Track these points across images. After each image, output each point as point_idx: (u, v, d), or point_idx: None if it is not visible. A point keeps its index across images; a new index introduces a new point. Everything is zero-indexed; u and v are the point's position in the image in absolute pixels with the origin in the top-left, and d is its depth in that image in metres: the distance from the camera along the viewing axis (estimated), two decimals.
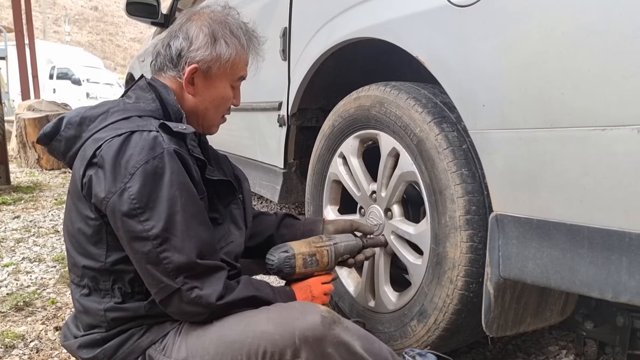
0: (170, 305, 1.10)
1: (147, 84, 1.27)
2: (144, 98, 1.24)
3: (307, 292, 1.32)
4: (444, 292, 1.32)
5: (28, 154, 5.84)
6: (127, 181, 1.07)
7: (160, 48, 1.30)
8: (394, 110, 1.45)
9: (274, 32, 2.13)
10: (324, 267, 1.38)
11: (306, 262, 1.35)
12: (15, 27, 9.01)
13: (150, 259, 1.07)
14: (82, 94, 17.57)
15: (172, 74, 1.27)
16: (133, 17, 3.89)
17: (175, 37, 1.27)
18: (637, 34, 0.88)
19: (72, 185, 1.19)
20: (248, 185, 1.45)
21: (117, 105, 1.21)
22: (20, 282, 2.35)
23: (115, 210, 1.07)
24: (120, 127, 1.14)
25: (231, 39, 1.27)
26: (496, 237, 1.17)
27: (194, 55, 1.24)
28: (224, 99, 1.31)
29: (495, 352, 1.68)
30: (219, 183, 1.26)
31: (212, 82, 1.28)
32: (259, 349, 1.07)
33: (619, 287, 0.95)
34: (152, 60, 1.33)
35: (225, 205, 1.29)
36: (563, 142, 1.01)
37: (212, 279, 1.11)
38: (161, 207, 1.07)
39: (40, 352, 1.72)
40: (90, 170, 1.12)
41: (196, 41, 1.24)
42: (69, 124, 1.19)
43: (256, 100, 2.40)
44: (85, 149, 1.15)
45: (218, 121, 1.36)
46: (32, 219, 3.52)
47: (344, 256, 1.43)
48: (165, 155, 1.09)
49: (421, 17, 1.34)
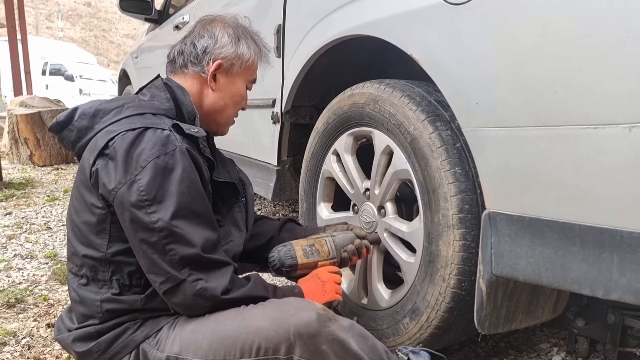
0: (175, 296, 1.11)
1: (163, 83, 1.32)
2: (159, 97, 1.28)
3: (315, 279, 1.33)
4: (436, 290, 1.33)
5: (20, 150, 5.80)
6: (138, 174, 1.09)
7: (182, 47, 1.36)
8: (388, 108, 1.45)
9: (268, 29, 2.12)
10: (325, 256, 1.39)
11: (306, 252, 1.36)
12: (8, 23, 8.93)
13: (157, 249, 1.09)
14: (75, 90, 17.50)
15: (195, 69, 1.34)
16: (126, 13, 3.88)
17: (200, 36, 1.35)
18: (629, 34, 0.89)
19: (80, 175, 1.20)
20: (252, 190, 1.48)
21: (132, 102, 1.24)
22: (12, 279, 2.34)
23: (123, 201, 1.09)
24: (134, 122, 1.16)
25: (251, 43, 1.38)
26: (489, 235, 1.18)
27: (219, 52, 1.33)
28: (241, 96, 1.41)
29: (488, 349, 1.69)
30: (224, 185, 1.29)
31: (233, 79, 1.37)
32: (253, 345, 1.07)
33: (610, 285, 0.96)
34: (169, 60, 1.38)
35: (228, 207, 1.31)
36: (555, 140, 1.02)
37: (218, 273, 1.12)
38: (169, 202, 1.09)
39: (32, 348, 1.71)
40: (101, 160, 1.14)
41: (221, 40, 1.34)
42: (82, 115, 1.22)
43: (250, 97, 2.40)
44: (97, 139, 1.17)
45: (232, 120, 1.44)
46: (24, 216, 3.50)
47: (345, 249, 1.43)
48: (177, 152, 1.13)
49: (415, 15, 1.34)
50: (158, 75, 1.36)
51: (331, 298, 1.30)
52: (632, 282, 0.93)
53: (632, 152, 0.90)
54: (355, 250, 1.45)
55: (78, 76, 18.05)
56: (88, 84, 18.08)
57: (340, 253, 1.42)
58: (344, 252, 1.43)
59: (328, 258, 1.39)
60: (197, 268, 1.10)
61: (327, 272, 1.35)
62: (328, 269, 1.37)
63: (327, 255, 1.39)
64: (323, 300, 1.28)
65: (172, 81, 1.33)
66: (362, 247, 1.48)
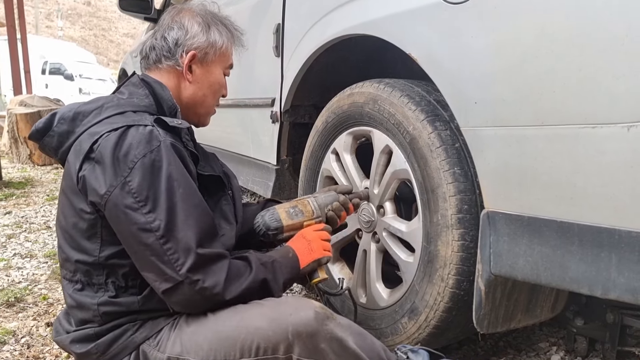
0: (174, 296, 1.10)
1: (140, 80, 1.29)
2: (137, 94, 1.26)
3: (300, 239, 1.33)
4: (435, 290, 1.33)
5: (20, 149, 5.81)
6: (127, 175, 1.08)
7: (153, 42, 1.33)
8: (388, 108, 1.45)
9: (267, 28, 2.12)
10: (310, 215, 1.39)
11: (290, 214, 1.37)
12: (7, 22, 8.93)
13: (154, 251, 1.08)
14: (74, 89, 17.50)
15: (170, 64, 1.31)
16: (126, 13, 3.87)
17: (169, 28, 1.32)
18: (628, 33, 0.89)
19: (66, 180, 1.19)
20: (237, 182, 1.47)
21: (111, 101, 1.23)
22: (12, 278, 2.34)
23: (117, 204, 1.08)
24: (116, 122, 1.15)
25: (222, 28, 1.36)
26: (487, 234, 1.18)
27: (191, 43, 1.31)
28: (220, 84, 1.39)
29: (486, 348, 1.69)
30: (209, 179, 1.27)
31: (209, 68, 1.35)
32: (252, 345, 1.07)
33: (608, 284, 0.96)
34: (143, 56, 1.35)
35: (215, 201, 1.30)
36: (554, 139, 1.02)
37: (215, 267, 1.11)
38: (161, 199, 1.08)
39: (32, 347, 1.71)
40: (87, 164, 1.13)
41: (192, 30, 1.31)
42: (61, 119, 1.20)
43: (249, 96, 2.40)
44: (80, 142, 1.15)
45: (213, 110, 1.42)
46: (24, 215, 3.50)
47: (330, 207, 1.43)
48: (162, 147, 1.11)
49: (414, 14, 1.34)
50: (134, 72, 1.34)
51: (319, 256, 1.31)
52: (630, 281, 0.93)
53: (630, 152, 0.90)
54: (341, 207, 1.46)
55: (78, 75, 18.06)
56: (88, 83, 18.08)
57: (325, 212, 1.43)
58: (329, 210, 1.44)
59: (313, 217, 1.40)
60: (195, 267, 1.08)
61: (313, 230, 1.36)
62: (314, 227, 1.38)
63: (312, 214, 1.39)
64: (310, 258, 1.29)
65: (148, 77, 1.31)
66: (347, 203, 1.49)
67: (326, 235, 1.37)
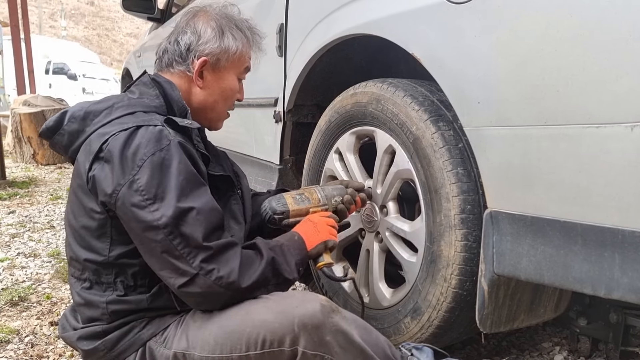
0: (192, 289, 1.09)
1: (150, 80, 1.29)
2: (148, 94, 1.26)
3: (307, 222, 1.34)
4: (437, 290, 1.33)
5: (23, 149, 5.82)
6: (135, 173, 1.08)
7: (167, 45, 1.34)
8: (391, 108, 1.45)
9: (270, 28, 2.12)
10: (316, 203, 1.40)
11: (296, 200, 1.39)
12: (11, 22, 8.95)
13: (165, 246, 1.08)
14: (78, 89, 17.51)
15: (181, 69, 1.31)
16: (129, 12, 3.88)
17: (183, 32, 1.31)
18: (631, 32, 0.89)
19: (76, 179, 1.19)
20: (247, 182, 1.47)
21: (122, 101, 1.23)
22: (15, 277, 2.35)
23: (125, 202, 1.08)
24: (126, 122, 1.15)
25: (237, 33, 1.33)
26: (490, 234, 1.18)
27: (202, 49, 1.30)
28: (232, 90, 1.37)
29: (490, 348, 1.69)
30: (219, 178, 1.28)
31: (221, 75, 1.33)
32: (258, 338, 1.08)
33: (611, 284, 0.96)
34: (157, 58, 1.35)
35: (224, 201, 1.30)
36: (557, 139, 1.01)
37: (228, 255, 1.11)
38: (169, 197, 1.08)
39: (35, 346, 1.72)
40: (97, 164, 1.13)
41: (204, 35, 1.30)
42: (72, 118, 1.21)
43: (252, 96, 2.40)
44: (90, 142, 1.16)
45: (225, 115, 1.42)
46: (28, 214, 3.51)
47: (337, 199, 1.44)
48: (171, 146, 1.12)
49: (417, 13, 1.34)
50: (145, 71, 1.34)
51: (325, 237, 1.31)
52: (633, 281, 0.93)
53: (634, 151, 0.90)
54: (351, 199, 1.46)
55: (81, 75, 18.06)
56: (91, 82, 18.08)
57: (332, 202, 1.44)
58: (340, 203, 1.44)
59: (319, 205, 1.40)
60: (208, 258, 1.08)
61: (319, 216, 1.36)
62: (320, 213, 1.38)
63: (318, 202, 1.40)
64: (317, 240, 1.29)
65: (160, 76, 1.31)
66: (355, 196, 1.49)
67: (332, 222, 1.37)
